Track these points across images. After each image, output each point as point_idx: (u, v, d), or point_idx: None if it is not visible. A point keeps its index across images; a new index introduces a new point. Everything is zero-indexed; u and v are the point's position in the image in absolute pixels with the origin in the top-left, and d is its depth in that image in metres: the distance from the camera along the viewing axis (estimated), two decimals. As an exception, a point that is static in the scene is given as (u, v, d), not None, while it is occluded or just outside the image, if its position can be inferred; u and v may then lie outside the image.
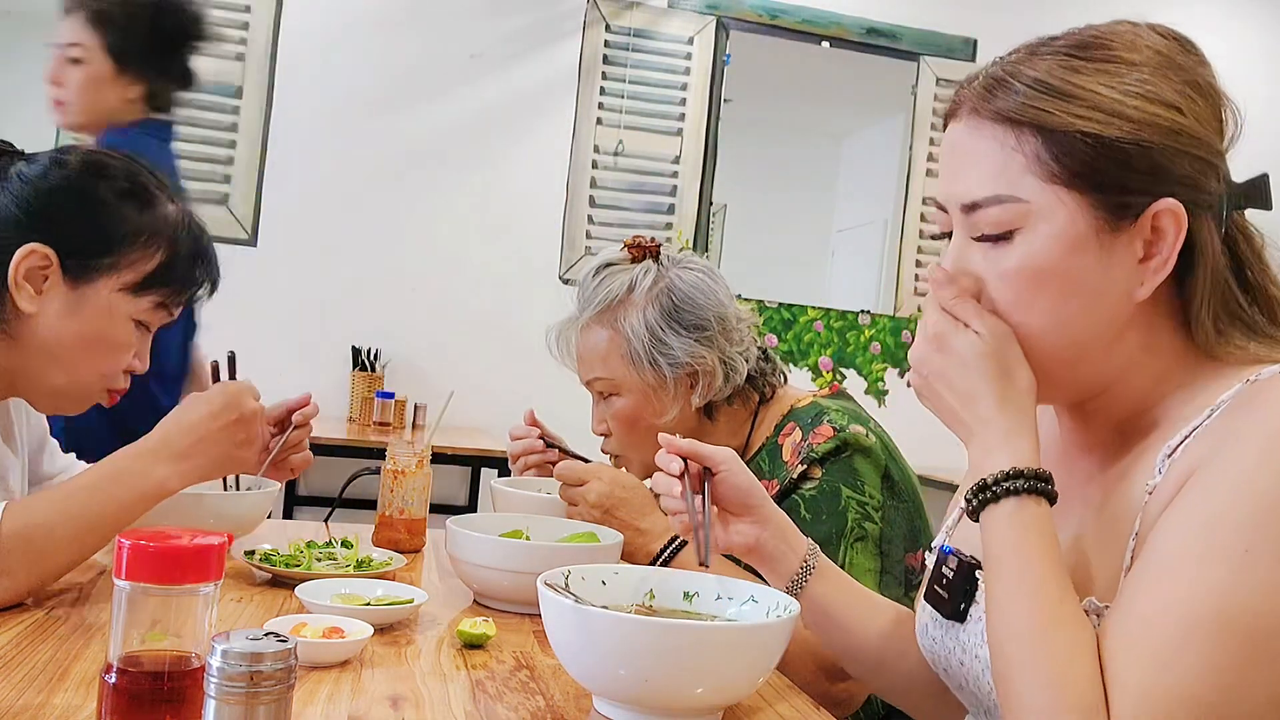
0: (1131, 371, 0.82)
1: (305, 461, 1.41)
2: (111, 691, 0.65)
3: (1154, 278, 0.78)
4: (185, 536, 0.66)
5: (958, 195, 0.82)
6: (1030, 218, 0.78)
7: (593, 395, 1.52)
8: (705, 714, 0.86)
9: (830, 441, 1.33)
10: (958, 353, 0.81)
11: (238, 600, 1.14)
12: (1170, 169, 0.76)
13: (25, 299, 1.10)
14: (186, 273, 1.20)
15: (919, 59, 4.34)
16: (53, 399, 1.19)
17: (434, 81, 3.96)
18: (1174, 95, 0.77)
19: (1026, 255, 0.79)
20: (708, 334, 1.43)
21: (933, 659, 0.93)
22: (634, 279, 1.45)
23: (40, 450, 1.36)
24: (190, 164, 3.75)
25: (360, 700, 0.85)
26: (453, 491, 3.87)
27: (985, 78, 0.82)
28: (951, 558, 0.89)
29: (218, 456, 1.14)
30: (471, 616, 1.11)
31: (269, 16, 3.83)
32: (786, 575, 1.01)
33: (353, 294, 3.90)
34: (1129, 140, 0.75)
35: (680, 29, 4.15)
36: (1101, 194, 0.77)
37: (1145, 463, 0.79)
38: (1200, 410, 0.77)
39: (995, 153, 0.79)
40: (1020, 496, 0.77)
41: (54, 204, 1.12)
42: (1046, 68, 0.79)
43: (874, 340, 4.35)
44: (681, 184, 4.16)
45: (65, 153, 1.15)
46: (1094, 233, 0.77)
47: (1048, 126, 0.77)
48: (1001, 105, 0.79)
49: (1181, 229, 0.76)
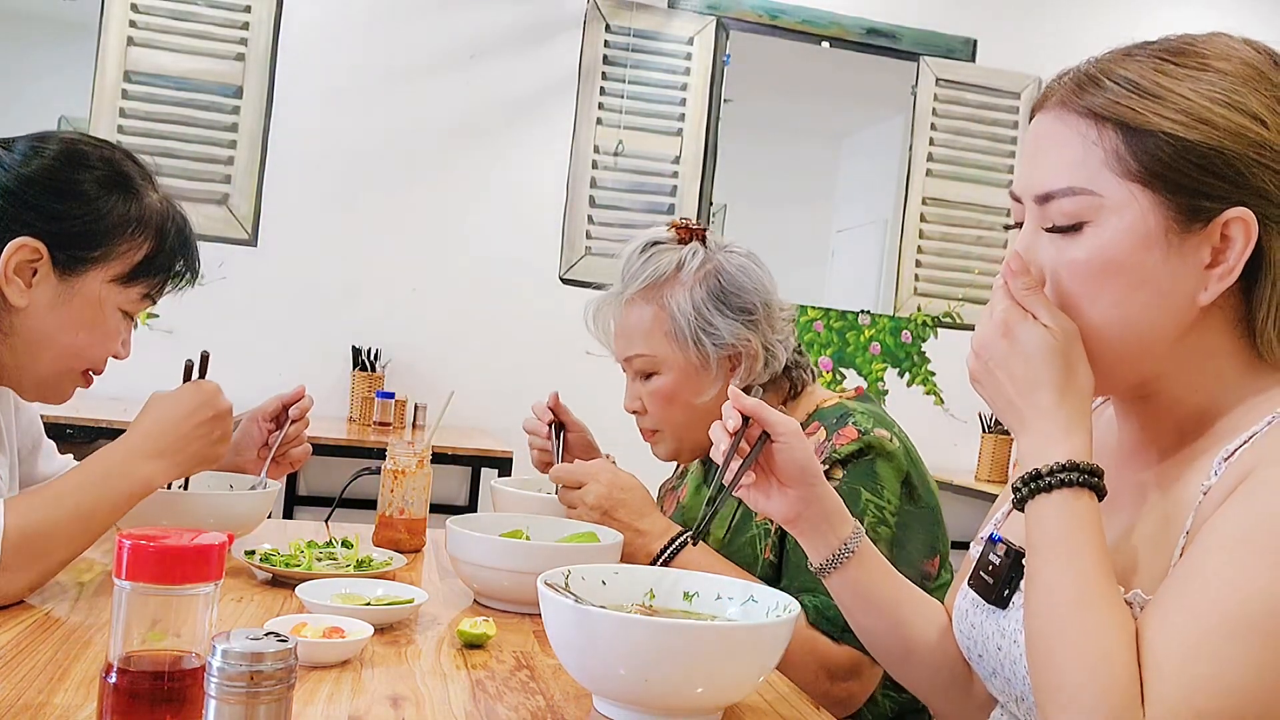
0: (1192, 373, 0.83)
1: (305, 454, 1.44)
2: (112, 691, 0.65)
3: (1218, 284, 0.79)
4: (185, 536, 0.66)
5: (1034, 185, 0.83)
6: (1102, 211, 0.79)
7: (628, 373, 1.50)
8: (705, 714, 0.87)
9: (854, 444, 1.33)
10: (1024, 343, 0.81)
11: (238, 600, 1.14)
12: (1248, 179, 0.77)
13: (16, 293, 1.10)
14: (172, 262, 1.21)
15: (919, 59, 4.34)
16: (39, 388, 1.19)
17: (434, 82, 3.96)
18: (1260, 108, 0.78)
19: (1095, 247, 0.80)
20: (753, 318, 1.43)
21: (969, 645, 0.94)
22: (682, 258, 1.44)
23: (35, 450, 1.36)
24: (190, 164, 3.76)
25: (360, 700, 0.85)
26: (453, 491, 3.87)
27: (1077, 73, 0.83)
28: (1000, 545, 0.90)
29: (196, 453, 1.18)
30: (471, 616, 1.11)
31: (269, 16, 3.83)
32: (824, 554, 1.00)
33: (353, 294, 3.90)
34: (1210, 146, 0.77)
35: (680, 29, 4.15)
36: (1176, 196, 0.78)
37: (1202, 465, 0.80)
38: (1260, 418, 0.78)
39: (1075, 145, 0.81)
40: (1073, 489, 0.78)
41: (39, 195, 1.12)
42: (1138, 68, 0.80)
43: (874, 340, 4.35)
44: (681, 184, 4.16)
45: (43, 140, 1.15)
46: (1163, 232, 0.78)
47: (1131, 124, 0.78)
48: (1089, 100, 0.80)
49: (1251, 239, 0.77)
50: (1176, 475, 0.83)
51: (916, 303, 4.37)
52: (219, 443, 1.20)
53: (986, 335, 0.84)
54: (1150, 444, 0.88)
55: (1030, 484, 0.80)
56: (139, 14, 3.72)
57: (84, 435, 2.77)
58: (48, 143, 1.14)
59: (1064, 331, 0.81)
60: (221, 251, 3.73)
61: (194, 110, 3.77)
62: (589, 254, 4.05)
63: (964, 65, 4.35)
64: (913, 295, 4.37)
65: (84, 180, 1.13)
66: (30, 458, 1.35)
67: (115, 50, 3.71)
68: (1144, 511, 0.85)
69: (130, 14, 3.71)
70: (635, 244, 1.50)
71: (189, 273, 1.24)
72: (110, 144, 1.19)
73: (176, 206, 1.22)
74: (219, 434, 1.20)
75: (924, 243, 4.37)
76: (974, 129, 4.35)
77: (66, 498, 1.07)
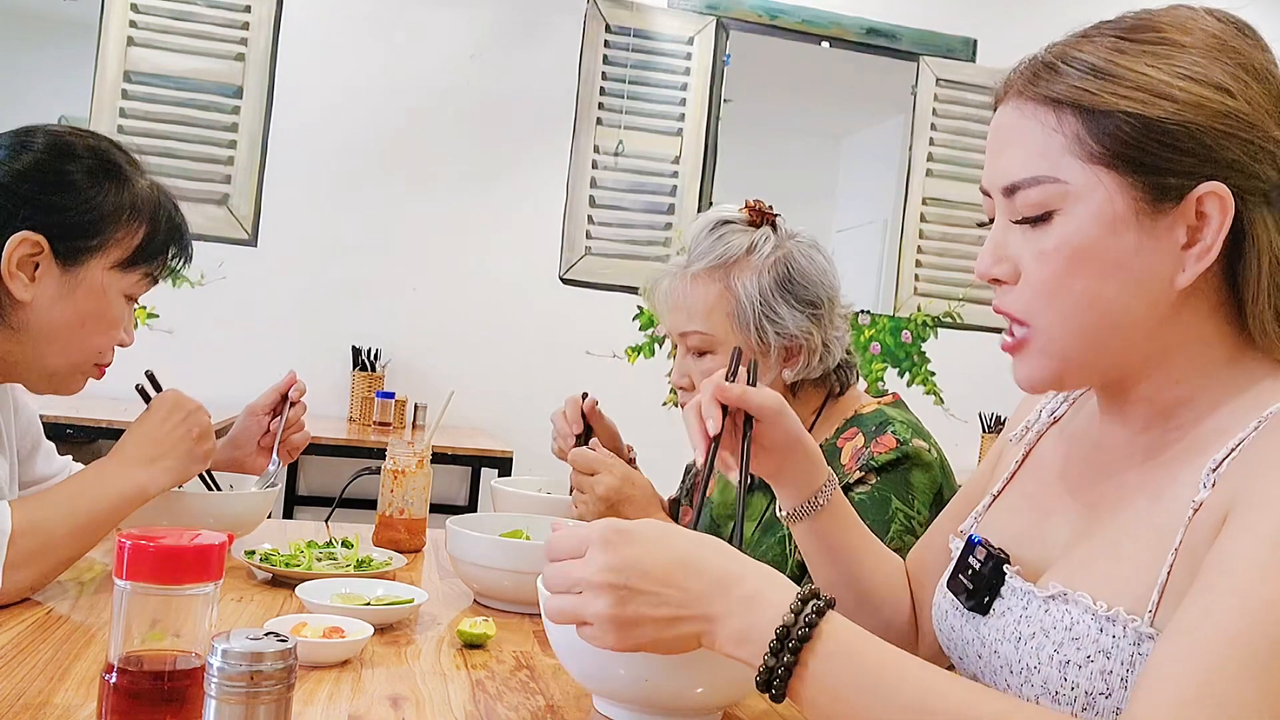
0: (1175, 361, 0.79)
1: (305, 439, 1.51)
2: (112, 691, 0.65)
3: (1196, 264, 0.75)
4: (185, 536, 0.66)
5: (998, 178, 0.81)
6: (1069, 199, 0.77)
7: (681, 348, 1.47)
8: (705, 714, 0.87)
9: (892, 453, 1.33)
10: (607, 605, 0.72)
11: (238, 600, 1.14)
12: (1217, 152, 0.74)
13: (20, 287, 1.11)
14: (167, 243, 1.23)
15: (919, 59, 4.34)
16: (49, 381, 1.20)
17: (434, 81, 3.96)
18: (1224, 77, 0.74)
19: (1064, 235, 0.77)
20: (818, 312, 1.42)
21: (949, 646, 0.92)
22: (754, 242, 1.42)
23: (34, 452, 1.37)
24: (190, 164, 3.76)
25: (360, 700, 0.85)
26: (453, 491, 3.87)
27: (1033, 61, 0.81)
28: (980, 548, 0.87)
29: (183, 454, 1.22)
30: (471, 616, 1.11)
31: (269, 16, 3.83)
32: (796, 501, 1.03)
33: (353, 294, 3.90)
34: (1172, 120, 0.73)
35: (680, 29, 4.15)
36: (1142, 175, 0.75)
37: (1189, 472, 0.76)
38: (1246, 420, 0.75)
39: (1036, 134, 0.78)
40: (828, 618, 0.69)
41: (36, 189, 1.13)
42: (1093, 50, 0.77)
43: (874, 340, 4.35)
44: (681, 184, 4.16)
45: (29, 134, 1.16)
46: (1133, 214, 0.75)
47: (1089, 107, 0.75)
48: (1045, 88, 0.78)
49: (1227, 215, 0.74)
50: (1163, 481, 0.79)
51: (916, 303, 4.37)
52: (201, 439, 1.24)
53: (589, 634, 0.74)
54: (1133, 441, 0.84)
55: (781, 661, 0.68)
56: (139, 14, 3.72)
57: (84, 435, 2.77)
58: (33, 136, 1.15)
59: (608, 570, 0.72)
60: (221, 251, 3.73)
61: (194, 110, 3.77)
62: (589, 254, 4.05)
63: (964, 65, 4.36)
64: (913, 295, 4.37)
65: (75, 171, 1.15)
66: (30, 459, 1.36)
67: (115, 50, 3.71)
68: (1127, 520, 0.80)
69: (130, 14, 3.71)
70: (705, 220, 1.46)
71: (183, 253, 1.26)
72: (94, 133, 1.21)
73: (165, 190, 1.24)
74: (197, 431, 1.23)
75: (924, 243, 4.37)
76: (974, 129, 4.35)
77: (68, 500, 1.10)
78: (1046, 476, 0.93)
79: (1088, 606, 0.76)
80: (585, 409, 1.61)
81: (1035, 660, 0.78)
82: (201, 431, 1.24)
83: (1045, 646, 0.78)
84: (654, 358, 4.13)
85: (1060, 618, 0.77)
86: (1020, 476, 0.96)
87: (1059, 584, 0.79)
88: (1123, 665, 0.73)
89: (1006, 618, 0.83)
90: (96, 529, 1.11)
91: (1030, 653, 0.79)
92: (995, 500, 0.97)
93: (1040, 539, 0.87)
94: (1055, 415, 0.97)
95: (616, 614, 0.72)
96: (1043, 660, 0.78)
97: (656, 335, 4.11)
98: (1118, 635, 0.73)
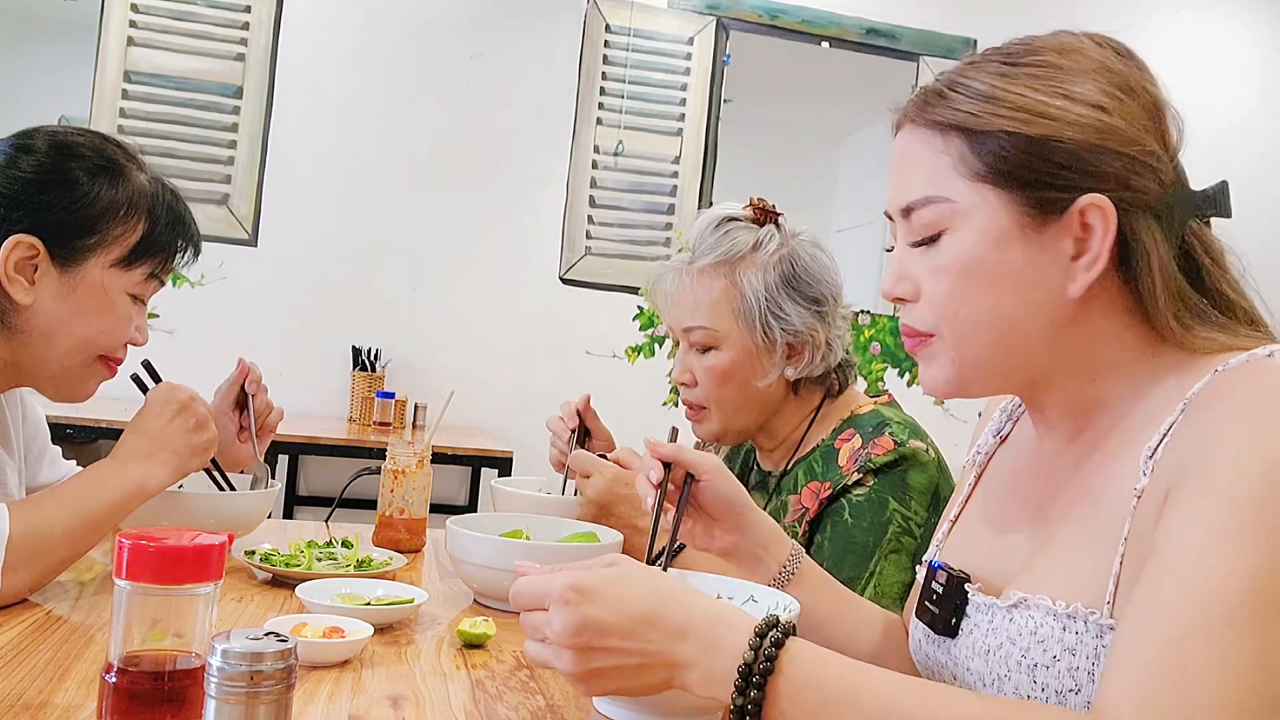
0: (1086, 363, 0.82)
1: (279, 416, 1.48)
2: (112, 691, 0.65)
3: (1085, 274, 0.78)
4: (185, 536, 0.66)
5: (896, 200, 0.85)
6: (956, 216, 0.80)
7: (683, 344, 1.47)
8: (705, 714, 0.87)
9: (890, 454, 1.33)
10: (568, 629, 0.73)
11: (238, 600, 1.14)
12: (1095, 165, 0.77)
13: (20, 291, 1.11)
14: (169, 239, 1.22)
15: (919, 59, 4.34)
16: (59, 385, 1.20)
17: (434, 81, 3.96)
18: (1099, 95, 0.78)
19: (954, 253, 0.81)
20: (822, 309, 1.42)
21: (926, 674, 0.93)
22: (759, 239, 1.42)
23: (40, 457, 1.37)
24: (190, 164, 3.76)
25: (360, 700, 0.85)
26: (453, 491, 3.87)
27: (924, 90, 0.85)
28: (940, 572, 0.89)
29: (181, 448, 1.20)
30: (471, 616, 1.11)
31: (269, 16, 3.83)
32: (764, 580, 1.03)
33: (353, 294, 3.90)
34: (1049, 137, 0.77)
35: (680, 29, 4.15)
36: (1024, 190, 0.78)
37: (1127, 464, 0.78)
38: (1172, 405, 0.76)
39: (927, 157, 0.82)
40: (787, 648, 0.70)
41: (30, 191, 1.12)
42: (978, 76, 0.81)
43: (874, 340, 4.35)
44: (681, 184, 4.16)
45: (29, 137, 1.16)
46: (1019, 228, 0.79)
47: (972, 128, 0.79)
48: (933, 114, 0.82)
49: (1110, 225, 0.77)
50: (1103, 478, 0.80)
51: (916, 303, 4.37)
52: (199, 430, 1.21)
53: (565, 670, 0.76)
54: (1067, 444, 0.86)
55: (749, 698, 0.69)
56: (139, 14, 3.72)
57: (84, 435, 2.77)
58: (35, 139, 1.15)
59: (571, 620, 0.73)
60: (221, 251, 3.73)
61: (194, 110, 3.77)
62: (589, 254, 4.05)
63: (964, 65, 4.36)
64: (913, 295, 4.37)
65: (73, 169, 1.14)
66: (36, 464, 1.36)
67: (115, 50, 3.71)
68: (1079, 522, 0.81)
69: (130, 14, 3.72)
70: (710, 217, 1.46)
71: (189, 248, 1.24)
72: (90, 131, 1.20)
73: (166, 183, 1.23)
74: (194, 421, 1.21)
75: (924, 243, 4.37)
76: (974, 129, 4.35)
77: (66, 501, 1.10)
78: (999, 494, 0.95)
79: (1048, 608, 0.77)
80: (579, 407, 1.61)
81: (1004, 669, 0.80)
82: (198, 421, 1.21)
83: (1013, 654, 0.79)
84: (654, 358, 4.13)
85: (1024, 624, 0.79)
86: (975, 498, 0.99)
87: (1020, 592, 0.80)
88: (1088, 660, 0.74)
89: (974, 635, 0.84)
90: (95, 529, 1.11)
91: (999, 662, 0.80)
92: (954, 525, 0.99)
93: (1000, 555, 0.89)
94: (1002, 435, 1.00)
95: (581, 670, 0.74)
96: (1011, 668, 0.79)
97: (657, 335, 4.11)
98: (1080, 631, 0.75)
